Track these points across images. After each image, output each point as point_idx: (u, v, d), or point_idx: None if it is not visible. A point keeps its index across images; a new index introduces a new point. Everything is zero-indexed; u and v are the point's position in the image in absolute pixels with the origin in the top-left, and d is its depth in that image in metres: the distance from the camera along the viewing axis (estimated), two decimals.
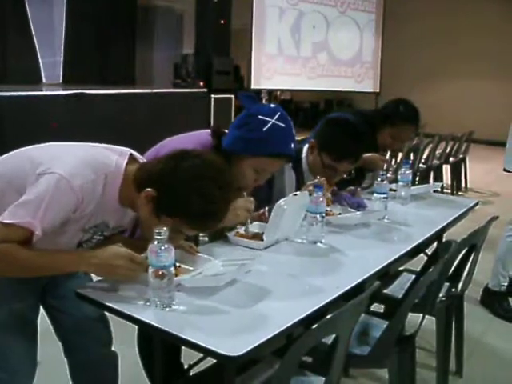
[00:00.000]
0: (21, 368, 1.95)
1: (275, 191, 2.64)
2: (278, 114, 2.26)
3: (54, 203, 1.66)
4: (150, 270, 1.61)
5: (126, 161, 1.81)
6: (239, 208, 2.21)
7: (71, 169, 1.70)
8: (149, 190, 1.71)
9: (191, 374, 2.34)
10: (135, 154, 1.92)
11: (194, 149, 1.85)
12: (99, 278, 1.84)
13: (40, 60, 10.44)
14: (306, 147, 2.84)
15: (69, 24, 10.89)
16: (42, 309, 2.09)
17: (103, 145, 1.90)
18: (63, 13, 10.85)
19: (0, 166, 1.85)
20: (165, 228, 1.59)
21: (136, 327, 1.93)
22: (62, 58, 10.96)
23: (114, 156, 1.81)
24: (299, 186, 2.76)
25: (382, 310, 2.71)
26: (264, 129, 2.21)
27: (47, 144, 1.93)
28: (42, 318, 2.09)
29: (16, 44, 9.83)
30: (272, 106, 2.37)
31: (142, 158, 1.95)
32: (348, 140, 2.68)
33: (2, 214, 1.67)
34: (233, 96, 9.53)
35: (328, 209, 2.52)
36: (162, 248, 1.58)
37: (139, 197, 1.73)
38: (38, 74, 10.41)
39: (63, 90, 8.41)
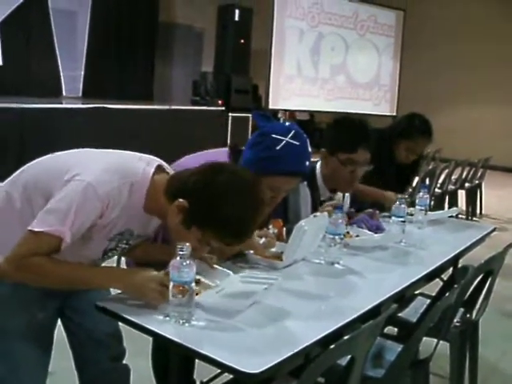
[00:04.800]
0: (30, 377, 1.96)
1: (290, 209, 2.64)
2: (292, 132, 2.25)
3: (81, 210, 1.68)
4: (171, 285, 1.63)
5: (153, 170, 1.83)
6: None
7: (98, 175, 1.72)
8: (181, 200, 1.73)
9: None
10: (163, 164, 1.94)
11: (228, 163, 1.87)
12: (118, 291, 1.86)
13: (61, 74, 10.57)
14: (318, 164, 2.84)
15: (91, 39, 11.03)
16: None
17: (131, 152, 1.93)
18: (86, 28, 11.00)
19: (30, 170, 1.89)
20: (187, 244, 1.61)
21: (150, 340, 1.94)
22: (82, 73, 11.08)
23: (142, 165, 1.83)
24: (315, 202, 2.77)
25: (394, 333, 2.70)
26: (277, 148, 2.21)
27: (76, 150, 1.95)
28: (58, 329, 2.10)
29: (39, 57, 9.97)
30: (286, 124, 2.36)
31: (169, 169, 1.96)
32: (352, 129, 2.74)
33: (31, 222, 1.69)
34: (250, 115, 9.58)
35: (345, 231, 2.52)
36: (184, 264, 1.60)
37: (170, 207, 1.75)
38: (58, 87, 10.54)
39: (82, 103, 8.51)
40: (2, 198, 1.86)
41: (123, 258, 2.34)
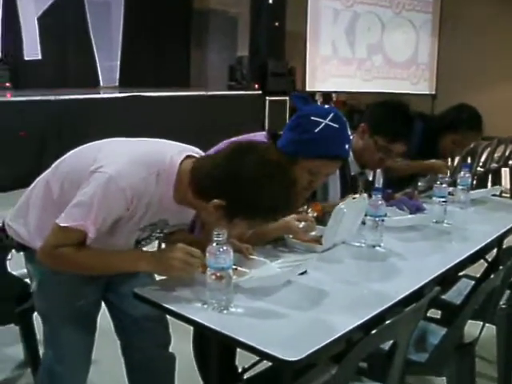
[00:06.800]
0: (76, 363, 2.02)
1: (318, 185, 2.59)
2: (332, 114, 2.22)
3: (104, 204, 1.68)
4: (209, 271, 1.61)
5: (181, 158, 1.78)
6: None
7: (121, 168, 1.70)
8: (216, 201, 1.67)
9: (245, 377, 2.33)
10: (197, 152, 1.89)
11: (246, 143, 1.80)
12: (159, 279, 1.86)
13: (98, 64, 10.67)
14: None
15: (126, 29, 11.10)
16: (103, 307, 2.14)
17: (165, 141, 1.91)
18: (121, 18, 11.06)
19: (67, 161, 1.91)
20: (224, 230, 1.59)
21: (191, 329, 1.94)
22: (118, 62, 11.17)
23: (170, 153, 1.79)
24: (345, 178, 2.72)
25: (438, 316, 2.65)
26: (316, 130, 2.18)
27: (108, 140, 1.94)
28: (101, 317, 2.12)
29: (76, 49, 10.09)
30: (326, 106, 2.33)
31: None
32: (402, 121, 2.66)
33: (60, 215, 1.72)
34: (287, 98, 9.53)
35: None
36: (221, 250, 1.58)
37: (206, 206, 1.70)
38: (96, 78, 10.64)
39: (120, 92, 8.57)
40: (43, 187, 1.89)
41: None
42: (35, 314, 2.20)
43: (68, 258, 1.75)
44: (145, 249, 1.99)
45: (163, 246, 2.23)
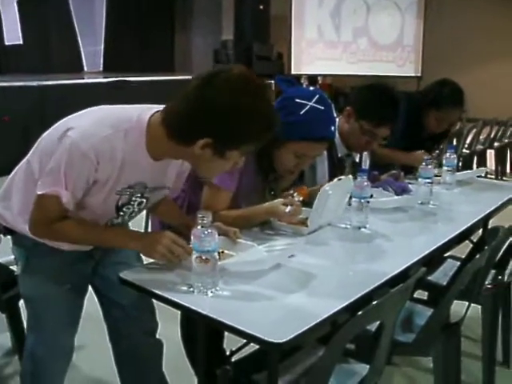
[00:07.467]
0: (58, 346, 2.01)
1: (306, 167, 2.59)
2: (317, 96, 2.21)
3: (70, 168, 1.66)
4: (194, 255, 1.60)
5: (150, 114, 1.72)
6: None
7: (83, 130, 1.66)
8: (202, 141, 1.62)
9: (233, 360, 2.34)
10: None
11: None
12: (146, 262, 1.87)
13: (82, 49, 10.59)
14: (336, 120, 2.78)
15: (109, 13, 11.02)
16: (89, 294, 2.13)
17: (138, 105, 1.83)
18: (104, 3, 10.96)
19: (45, 138, 1.85)
20: (208, 212, 1.58)
21: (178, 313, 1.93)
22: (102, 47, 11.08)
23: (138, 111, 1.73)
24: (332, 159, 2.72)
25: (425, 297, 2.66)
26: (301, 112, 2.17)
27: (83, 111, 1.87)
28: (90, 303, 2.11)
29: (59, 34, 9.99)
30: (311, 89, 2.32)
31: None
32: (388, 105, 2.66)
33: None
34: (273, 81, 9.51)
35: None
36: (206, 233, 1.57)
37: (193, 151, 1.64)
38: (79, 63, 10.56)
39: (104, 77, 8.51)
40: (25, 167, 1.86)
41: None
42: (21, 301, 2.18)
43: (58, 234, 1.78)
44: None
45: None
